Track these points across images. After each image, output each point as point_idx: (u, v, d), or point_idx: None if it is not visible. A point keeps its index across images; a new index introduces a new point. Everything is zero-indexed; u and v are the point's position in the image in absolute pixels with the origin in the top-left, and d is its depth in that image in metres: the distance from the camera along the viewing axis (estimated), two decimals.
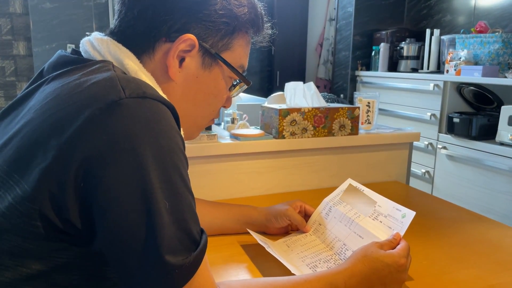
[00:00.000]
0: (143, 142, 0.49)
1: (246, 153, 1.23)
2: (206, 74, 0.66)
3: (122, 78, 0.53)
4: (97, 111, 0.49)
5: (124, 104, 0.50)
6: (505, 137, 2.20)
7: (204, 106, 0.69)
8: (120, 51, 0.61)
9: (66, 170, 0.48)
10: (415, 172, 2.77)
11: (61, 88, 0.54)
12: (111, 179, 0.47)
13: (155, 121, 0.50)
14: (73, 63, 0.59)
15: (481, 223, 1.07)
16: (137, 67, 0.61)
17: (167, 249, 0.48)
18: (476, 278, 0.80)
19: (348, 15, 3.41)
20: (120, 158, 0.48)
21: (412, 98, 2.83)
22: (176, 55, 0.62)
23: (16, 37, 3.39)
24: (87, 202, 0.49)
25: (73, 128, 0.48)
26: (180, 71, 0.64)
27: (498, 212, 2.24)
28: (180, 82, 0.65)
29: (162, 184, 0.49)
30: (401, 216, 0.80)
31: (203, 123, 0.73)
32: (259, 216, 0.95)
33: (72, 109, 0.50)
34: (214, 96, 0.69)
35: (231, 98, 0.74)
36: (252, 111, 1.55)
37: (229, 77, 0.69)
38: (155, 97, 0.53)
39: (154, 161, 0.49)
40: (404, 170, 1.45)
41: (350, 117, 1.31)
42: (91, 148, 0.48)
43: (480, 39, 2.51)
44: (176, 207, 0.50)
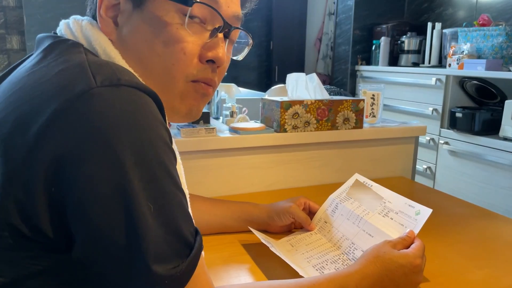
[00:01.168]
0: (120, 137, 0.42)
1: (246, 147, 1.18)
2: (138, 16, 0.55)
3: (93, 63, 0.47)
4: (64, 103, 0.42)
5: (95, 94, 0.43)
6: (509, 132, 2.16)
7: (154, 59, 0.56)
8: (93, 30, 0.55)
9: (33, 173, 0.41)
10: (416, 168, 2.73)
11: (26, 78, 0.48)
12: (85, 182, 0.41)
13: (133, 112, 0.44)
14: (45, 42, 0.53)
15: (492, 220, 1.03)
16: (105, 44, 0.54)
17: (155, 257, 0.42)
18: (491, 277, 0.75)
19: (348, 9, 3.36)
20: (94, 157, 0.41)
21: (413, 93, 2.79)
22: (103, 11, 0.56)
23: (9, 31, 3.33)
24: (61, 208, 0.42)
25: (38, 124, 0.42)
26: (117, 29, 0.57)
27: (501, 208, 2.21)
28: (120, 41, 0.56)
29: (145, 184, 0.43)
30: (415, 213, 0.75)
31: (173, 87, 0.58)
32: (261, 214, 0.90)
33: (37, 102, 0.44)
34: (161, 42, 0.55)
35: (218, 47, 0.58)
36: (251, 105, 1.51)
37: (179, 11, 0.55)
38: (132, 83, 0.46)
39: (134, 158, 0.42)
40: (409, 165, 1.41)
41: (354, 110, 1.26)
42: (60, 147, 0.41)
43: (483, 32, 2.47)
44: (162, 209, 0.44)
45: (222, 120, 1.39)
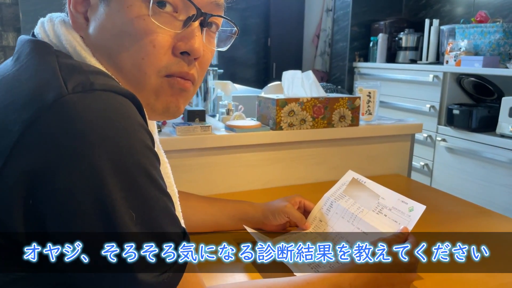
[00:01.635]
0: (95, 146, 0.40)
1: (242, 145, 1.17)
2: (106, 10, 0.52)
3: (64, 67, 0.45)
4: (36, 113, 0.40)
5: (67, 102, 0.41)
6: (506, 129, 2.16)
7: (123, 54, 0.52)
8: (65, 27, 0.53)
9: (9, 186, 0.40)
10: (413, 165, 2.73)
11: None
12: (63, 193, 0.39)
13: (108, 117, 0.42)
14: (18, 45, 0.51)
15: (488, 218, 1.03)
16: (76, 42, 0.52)
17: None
18: (486, 275, 0.75)
19: (345, 5, 3.35)
20: (70, 169, 0.39)
21: (411, 90, 2.78)
22: (73, 6, 0.54)
23: (5, 27, 3.31)
24: (39, 221, 0.41)
25: (10, 137, 0.40)
26: (86, 24, 0.54)
27: (498, 205, 2.21)
28: (93, 36, 0.53)
29: (125, 192, 0.41)
30: (408, 209, 0.74)
31: (144, 82, 0.54)
32: (256, 213, 0.90)
33: (8, 113, 0.42)
34: (128, 36, 0.52)
35: (194, 38, 0.54)
36: (248, 103, 1.50)
37: (147, 2, 0.51)
38: (106, 87, 0.44)
39: (112, 167, 0.40)
40: (405, 163, 1.40)
41: (350, 107, 1.26)
42: (35, 160, 0.39)
43: (480, 29, 2.46)
44: (145, 215, 0.43)
45: (218, 118, 1.38)
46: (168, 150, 0.60)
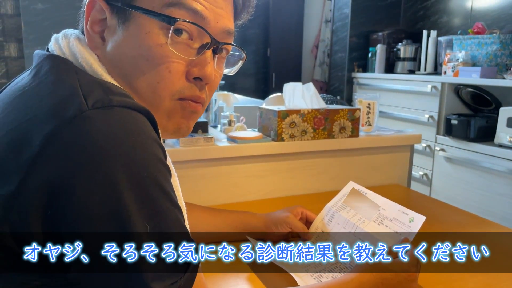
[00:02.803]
0: (113, 159, 0.42)
1: (244, 156, 1.19)
2: (124, 34, 0.54)
3: (84, 83, 0.47)
4: (56, 128, 0.42)
5: (87, 118, 0.43)
6: (504, 139, 2.18)
7: (139, 77, 0.55)
8: (80, 45, 0.55)
9: (28, 198, 0.41)
10: (413, 174, 2.74)
11: (19, 98, 0.48)
12: (80, 205, 0.41)
13: (126, 134, 0.44)
14: (37, 60, 0.53)
15: (487, 228, 1.04)
16: (92, 60, 0.54)
17: (153, 276, 0.43)
18: (485, 285, 0.77)
19: (344, 17, 3.39)
20: (88, 181, 0.41)
21: (409, 100, 2.81)
22: (92, 28, 0.55)
23: (7, 38, 3.34)
24: (56, 232, 0.42)
25: (31, 151, 0.42)
26: (103, 44, 0.56)
27: (497, 214, 2.22)
28: (109, 57, 0.55)
29: (140, 204, 0.43)
30: (408, 220, 0.76)
31: (159, 104, 0.56)
32: (258, 223, 0.91)
33: (29, 127, 0.43)
34: (145, 60, 0.54)
35: (206, 65, 0.57)
36: (249, 113, 1.52)
37: (161, 29, 0.54)
38: (124, 103, 0.46)
39: (128, 180, 0.42)
40: (405, 173, 1.42)
41: (350, 119, 1.28)
42: (53, 173, 0.41)
43: (477, 40, 2.49)
44: (158, 227, 0.44)
45: (220, 129, 1.40)
46: (171, 161, 0.62)
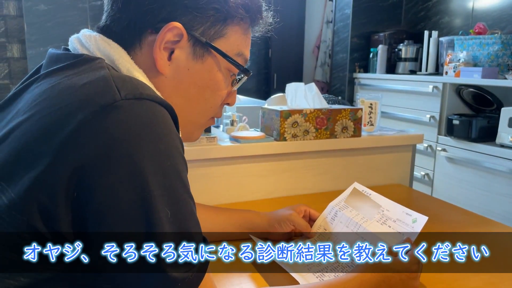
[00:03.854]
0: (141, 147, 0.45)
1: (247, 156, 1.19)
2: (198, 65, 0.61)
3: (117, 78, 0.50)
4: (90, 114, 0.45)
5: (120, 107, 0.46)
6: (506, 139, 2.18)
7: (200, 102, 0.64)
8: (110, 47, 0.57)
9: (58, 179, 0.44)
10: (414, 175, 2.75)
11: (51, 89, 0.50)
12: (107, 188, 0.44)
13: (153, 125, 0.47)
14: (64, 59, 0.55)
15: (489, 227, 1.04)
16: (129, 64, 0.57)
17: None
18: (488, 285, 0.77)
19: (345, 17, 3.39)
20: (117, 165, 0.44)
21: (411, 100, 2.81)
22: (163, 46, 0.58)
23: (10, 39, 3.35)
24: (82, 213, 0.45)
25: (64, 134, 0.44)
26: (169, 64, 0.60)
27: (498, 214, 2.22)
28: (170, 76, 0.60)
29: (163, 191, 0.46)
30: (411, 221, 0.76)
31: (201, 121, 0.68)
32: (262, 222, 0.91)
33: (64, 113, 0.46)
34: (210, 90, 0.64)
35: (235, 94, 0.70)
36: (251, 113, 1.52)
37: (226, 69, 0.64)
38: (152, 98, 0.49)
39: (153, 167, 0.45)
40: (407, 173, 1.42)
41: (352, 118, 1.29)
42: (84, 155, 0.44)
43: (479, 41, 2.50)
44: (178, 216, 0.47)
45: (222, 129, 1.41)
46: None
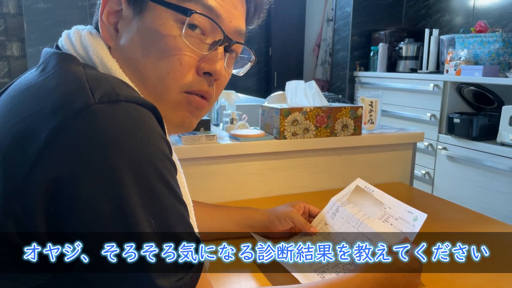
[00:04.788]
0: (119, 154, 0.42)
1: (246, 154, 1.19)
2: (137, 23, 0.55)
3: (91, 78, 0.46)
4: (63, 121, 0.42)
5: (94, 112, 0.42)
6: (506, 138, 2.18)
7: (149, 67, 0.55)
8: (91, 37, 0.55)
9: (33, 193, 0.41)
10: (415, 174, 2.74)
11: (24, 92, 0.48)
12: (85, 200, 0.41)
13: (132, 129, 0.44)
14: (44, 56, 0.53)
15: (490, 225, 1.04)
16: (102, 53, 0.54)
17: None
18: (489, 283, 0.76)
19: (346, 15, 3.38)
20: (93, 175, 0.41)
21: (411, 99, 2.81)
22: (105, 17, 0.56)
23: (9, 37, 3.34)
24: (60, 227, 0.42)
25: (37, 144, 0.42)
26: (117, 35, 0.57)
27: (499, 213, 2.22)
28: (121, 47, 0.56)
29: (145, 200, 0.43)
30: (413, 219, 0.76)
31: (166, 96, 0.57)
32: (261, 218, 0.91)
33: (35, 120, 0.43)
34: (156, 50, 0.54)
35: (215, 60, 0.57)
36: (251, 112, 1.52)
37: (179, 21, 0.55)
38: (130, 98, 0.46)
39: (133, 175, 0.42)
40: (407, 171, 1.42)
41: (353, 116, 1.28)
42: (59, 167, 0.41)
43: (480, 39, 2.49)
44: (164, 223, 0.44)
45: (222, 127, 1.40)
46: (177, 158, 0.62)
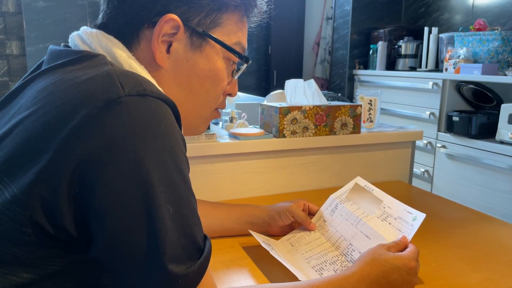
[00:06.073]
0: (144, 143, 0.45)
1: (246, 152, 1.19)
2: (197, 56, 0.61)
3: (120, 73, 0.50)
4: (94, 110, 0.45)
5: (123, 103, 0.46)
6: (505, 136, 2.18)
7: (202, 93, 0.64)
8: (112, 43, 0.57)
9: (60, 174, 0.44)
10: (414, 172, 2.74)
11: (54, 85, 0.50)
12: (110, 183, 0.44)
13: (156, 121, 0.47)
14: (65, 56, 0.55)
15: (489, 223, 1.04)
16: (131, 60, 0.57)
17: (171, 257, 0.45)
18: (488, 281, 0.77)
19: (345, 14, 3.38)
20: (119, 160, 0.44)
21: (410, 97, 2.81)
22: (160, 40, 0.58)
23: (9, 36, 3.34)
24: (83, 208, 0.45)
25: (68, 129, 0.44)
26: (168, 57, 0.60)
27: (498, 211, 2.22)
28: (170, 69, 0.61)
29: (165, 187, 0.46)
30: (412, 219, 0.76)
31: (204, 113, 0.68)
32: (261, 214, 0.91)
33: (67, 108, 0.46)
34: (211, 80, 0.64)
35: (236, 84, 0.70)
36: (250, 110, 1.52)
37: (226, 58, 0.64)
38: (155, 94, 0.49)
39: (156, 163, 0.46)
40: (406, 170, 1.42)
41: (352, 115, 1.28)
42: (87, 150, 0.44)
43: (479, 37, 2.49)
44: (179, 212, 0.47)
45: (221, 126, 1.40)
46: None
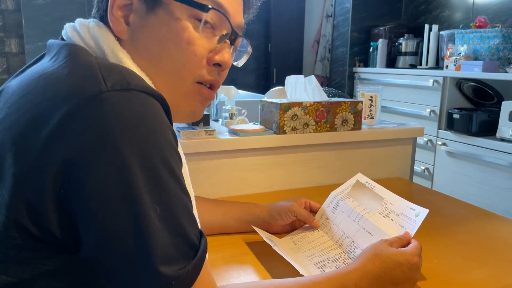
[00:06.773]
0: (129, 141, 0.43)
1: (246, 149, 1.19)
2: (152, 18, 0.57)
3: (103, 66, 0.47)
4: (75, 107, 0.43)
5: (106, 99, 0.44)
6: (506, 133, 2.17)
7: (164, 59, 0.57)
8: (99, 28, 0.56)
9: (44, 175, 0.42)
10: (414, 169, 2.74)
11: (36, 80, 0.48)
12: (94, 184, 0.42)
13: (142, 117, 0.45)
14: (53, 47, 0.54)
15: (490, 220, 1.04)
16: (113, 44, 0.55)
17: (162, 259, 0.43)
18: (490, 277, 0.76)
19: (345, 11, 3.37)
20: (103, 160, 0.42)
21: (411, 94, 2.80)
22: (115, 12, 0.57)
23: (8, 34, 3.33)
24: (69, 209, 0.43)
25: (49, 127, 0.43)
26: (128, 29, 0.58)
27: (499, 208, 2.22)
28: (131, 40, 0.57)
29: (152, 187, 0.44)
30: (414, 215, 0.76)
31: (180, 86, 0.59)
32: (262, 213, 0.91)
33: (48, 105, 0.44)
34: (172, 43, 0.57)
35: (225, 51, 0.61)
36: (250, 107, 1.51)
37: (192, 17, 0.57)
38: (141, 88, 0.47)
39: (142, 162, 0.43)
40: (407, 166, 1.42)
41: (352, 111, 1.28)
42: (70, 150, 0.42)
43: (479, 34, 2.48)
44: (169, 211, 0.45)
45: (221, 122, 1.40)
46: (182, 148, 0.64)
